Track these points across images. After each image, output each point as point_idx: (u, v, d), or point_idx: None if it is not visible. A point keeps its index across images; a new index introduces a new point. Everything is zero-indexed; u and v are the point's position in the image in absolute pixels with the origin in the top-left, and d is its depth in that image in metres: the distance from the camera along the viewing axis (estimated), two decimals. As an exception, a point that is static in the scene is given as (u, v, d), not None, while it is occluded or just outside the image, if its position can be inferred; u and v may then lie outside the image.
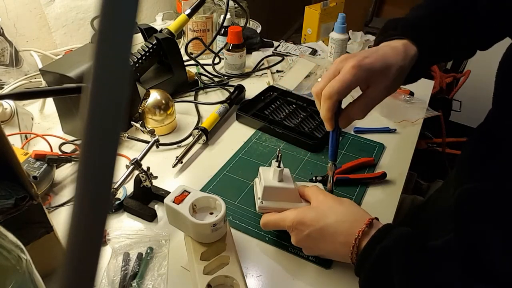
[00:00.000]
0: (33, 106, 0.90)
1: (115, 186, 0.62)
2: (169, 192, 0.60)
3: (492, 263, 0.42)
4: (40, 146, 0.77)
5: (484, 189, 0.49)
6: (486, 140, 0.57)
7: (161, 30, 0.95)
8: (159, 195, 0.66)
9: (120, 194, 0.67)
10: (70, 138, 0.80)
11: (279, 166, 0.58)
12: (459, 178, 0.57)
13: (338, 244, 0.51)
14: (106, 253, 0.58)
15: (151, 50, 0.91)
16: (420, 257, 0.46)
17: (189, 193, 0.54)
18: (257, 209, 0.59)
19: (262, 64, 1.13)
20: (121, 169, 0.63)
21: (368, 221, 0.50)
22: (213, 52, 1.12)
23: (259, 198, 0.58)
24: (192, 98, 0.97)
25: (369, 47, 1.30)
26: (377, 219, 0.53)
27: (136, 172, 0.63)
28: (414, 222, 0.79)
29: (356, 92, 0.56)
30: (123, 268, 0.55)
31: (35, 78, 0.92)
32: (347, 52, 1.16)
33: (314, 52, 1.20)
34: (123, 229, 0.62)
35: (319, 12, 1.24)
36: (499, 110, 0.55)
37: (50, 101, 0.88)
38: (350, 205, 0.55)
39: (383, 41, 0.59)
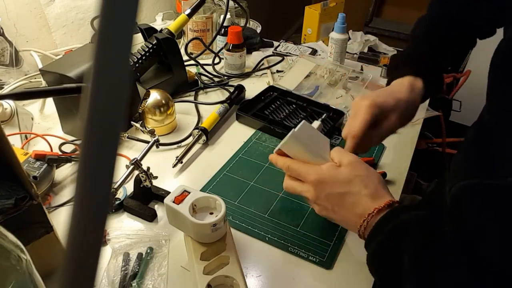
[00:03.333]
0: (33, 106, 0.90)
1: (115, 186, 0.62)
2: (169, 192, 0.60)
3: (490, 258, 0.42)
4: (40, 146, 0.77)
5: (480, 184, 0.49)
6: (480, 138, 0.57)
7: (161, 30, 0.95)
8: (159, 195, 0.66)
9: (120, 194, 0.67)
10: (70, 138, 0.80)
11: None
12: (455, 175, 0.58)
13: (354, 214, 0.51)
14: (106, 253, 0.58)
15: (151, 50, 0.91)
16: (434, 243, 0.45)
17: (189, 193, 0.54)
18: (285, 140, 0.54)
19: (262, 64, 1.13)
20: (121, 169, 0.63)
21: (389, 202, 0.50)
22: (213, 52, 1.12)
23: (293, 130, 0.55)
24: (192, 98, 0.97)
25: (369, 47, 1.30)
26: (398, 202, 0.51)
27: (136, 172, 0.63)
28: None
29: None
30: (123, 268, 0.55)
31: (35, 78, 0.92)
32: (348, 52, 1.16)
33: (314, 52, 1.20)
34: (123, 229, 0.62)
35: (319, 12, 1.24)
36: (491, 106, 0.56)
37: (50, 101, 0.88)
38: (378, 179, 0.53)
39: (391, 81, 0.69)
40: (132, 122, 0.77)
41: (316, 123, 0.67)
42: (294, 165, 0.56)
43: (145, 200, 0.66)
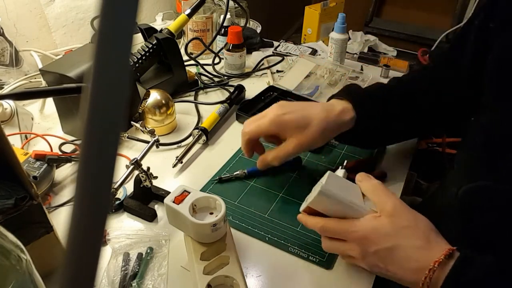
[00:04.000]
0: (33, 106, 0.90)
1: (115, 186, 0.62)
2: (169, 192, 0.60)
3: (497, 258, 0.42)
4: (40, 146, 0.77)
5: (491, 187, 0.49)
6: (482, 138, 0.57)
7: (161, 30, 0.95)
8: (159, 195, 0.66)
9: (120, 194, 0.67)
10: (70, 138, 0.80)
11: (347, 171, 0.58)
12: (462, 177, 0.57)
13: (409, 270, 0.46)
14: (106, 253, 0.58)
15: (151, 50, 0.91)
16: None
17: (189, 193, 0.54)
18: (314, 196, 0.50)
19: (262, 64, 1.13)
20: (121, 169, 0.63)
21: (448, 252, 0.44)
22: (213, 52, 1.12)
23: (321, 183, 0.50)
24: (192, 98, 0.97)
25: (369, 47, 1.30)
26: (458, 249, 0.46)
27: (136, 172, 0.63)
28: None
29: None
30: (123, 268, 0.55)
31: (35, 78, 0.92)
32: (348, 52, 1.16)
33: (314, 52, 1.20)
34: (123, 229, 0.62)
35: (319, 12, 1.24)
36: (490, 106, 0.56)
37: (50, 101, 0.88)
38: (427, 226, 0.48)
39: (332, 98, 0.67)
40: (132, 122, 0.77)
41: (340, 172, 0.61)
42: (329, 225, 0.51)
43: (145, 200, 0.66)
